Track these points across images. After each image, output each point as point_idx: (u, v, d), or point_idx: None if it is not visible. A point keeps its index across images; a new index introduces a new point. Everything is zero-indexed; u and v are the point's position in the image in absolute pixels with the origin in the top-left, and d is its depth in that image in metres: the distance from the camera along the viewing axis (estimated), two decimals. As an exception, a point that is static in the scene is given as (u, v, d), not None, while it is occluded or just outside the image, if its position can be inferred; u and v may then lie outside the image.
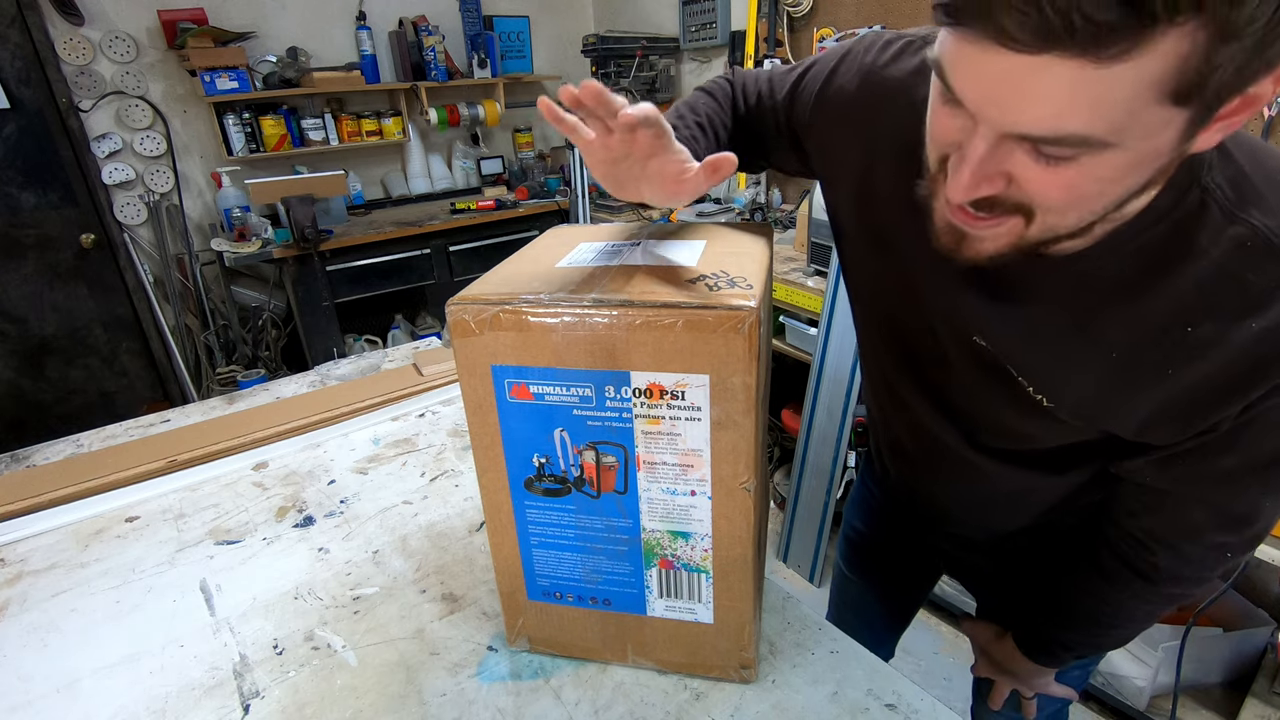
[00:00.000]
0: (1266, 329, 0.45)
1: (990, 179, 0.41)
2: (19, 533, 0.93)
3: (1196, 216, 0.46)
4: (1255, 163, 0.46)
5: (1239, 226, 0.45)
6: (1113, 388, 0.52)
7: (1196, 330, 0.47)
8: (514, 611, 0.69)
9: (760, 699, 0.64)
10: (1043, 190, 0.41)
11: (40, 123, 2.63)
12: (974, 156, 0.41)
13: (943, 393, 0.65)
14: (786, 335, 2.09)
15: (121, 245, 2.83)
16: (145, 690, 0.68)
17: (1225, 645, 1.54)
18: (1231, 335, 0.46)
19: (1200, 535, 0.59)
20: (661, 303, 0.51)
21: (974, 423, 0.64)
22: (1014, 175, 0.41)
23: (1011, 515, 0.73)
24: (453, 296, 0.55)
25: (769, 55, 2.71)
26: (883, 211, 0.62)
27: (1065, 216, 0.43)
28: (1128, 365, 0.50)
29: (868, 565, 1.04)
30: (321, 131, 3.07)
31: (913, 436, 0.74)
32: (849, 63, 0.65)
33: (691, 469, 0.56)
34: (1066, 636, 0.73)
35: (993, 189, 0.42)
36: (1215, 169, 0.46)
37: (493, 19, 3.40)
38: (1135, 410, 0.53)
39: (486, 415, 0.58)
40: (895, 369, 0.69)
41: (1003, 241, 0.45)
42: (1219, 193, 0.46)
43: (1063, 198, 0.41)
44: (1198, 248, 0.46)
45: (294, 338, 3.12)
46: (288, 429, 1.15)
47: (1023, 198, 0.42)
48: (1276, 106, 1.51)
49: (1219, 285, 0.46)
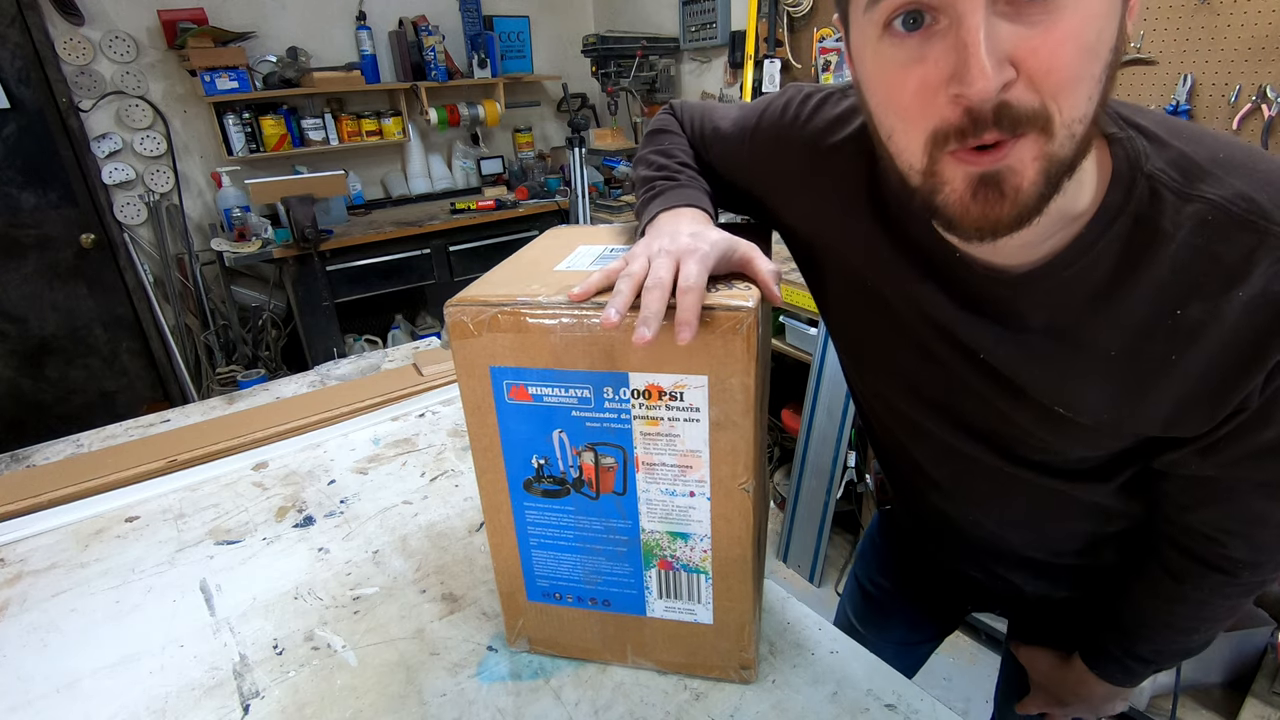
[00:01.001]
0: (1254, 296, 0.44)
1: (1002, 62, 0.39)
2: (19, 533, 0.93)
3: (1151, 204, 0.46)
4: (1193, 144, 0.47)
5: (1195, 204, 0.45)
6: (1123, 388, 0.51)
7: (1186, 312, 0.47)
8: (514, 612, 0.69)
9: (760, 699, 0.64)
10: (1053, 54, 0.39)
11: (40, 123, 2.63)
12: (977, 36, 0.38)
13: (961, 414, 0.62)
14: (786, 335, 2.09)
15: (121, 245, 2.83)
16: (145, 690, 0.68)
17: (1225, 645, 1.54)
18: (1221, 310, 0.46)
19: (1267, 519, 0.56)
20: None
21: (1001, 438, 0.61)
22: (1016, 57, 0.39)
23: (1062, 523, 0.68)
24: (451, 298, 0.55)
25: (769, 55, 2.71)
26: (858, 261, 0.61)
27: (1076, 92, 0.40)
28: (1129, 363, 0.50)
29: (883, 622, 0.99)
30: (321, 131, 3.07)
31: (942, 465, 0.69)
32: (770, 124, 0.65)
33: (690, 470, 0.56)
34: (1143, 649, 0.67)
35: (1009, 74, 0.40)
36: (1153, 157, 0.46)
37: (493, 19, 3.40)
38: (1154, 406, 0.51)
39: (485, 416, 0.58)
40: (907, 403, 0.66)
41: (1033, 167, 0.42)
42: (1164, 176, 0.46)
43: (1070, 51, 0.39)
44: (1163, 233, 0.46)
45: (294, 338, 3.12)
46: (288, 429, 1.15)
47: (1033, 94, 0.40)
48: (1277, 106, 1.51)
49: (1193, 264, 0.46)
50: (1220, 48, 1.58)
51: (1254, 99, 1.54)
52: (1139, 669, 0.69)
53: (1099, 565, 0.71)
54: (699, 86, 3.23)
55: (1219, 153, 0.46)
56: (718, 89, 3.14)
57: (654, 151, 0.72)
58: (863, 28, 0.44)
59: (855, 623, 1.03)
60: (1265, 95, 1.52)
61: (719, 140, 0.70)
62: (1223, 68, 1.58)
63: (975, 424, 0.61)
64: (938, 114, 0.42)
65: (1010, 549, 0.74)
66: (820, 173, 0.61)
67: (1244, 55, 1.55)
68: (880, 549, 1.00)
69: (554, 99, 3.83)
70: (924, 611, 0.96)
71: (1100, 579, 0.71)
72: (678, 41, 3.19)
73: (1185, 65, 1.64)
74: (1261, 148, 0.50)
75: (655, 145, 0.73)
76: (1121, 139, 0.47)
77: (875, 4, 0.42)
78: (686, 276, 0.49)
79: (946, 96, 0.41)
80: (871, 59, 0.44)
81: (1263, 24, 1.50)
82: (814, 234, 0.65)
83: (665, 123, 0.75)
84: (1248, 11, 1.52)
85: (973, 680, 1.70)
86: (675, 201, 0.62)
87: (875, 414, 0.75)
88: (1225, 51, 1.57)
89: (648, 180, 0.68)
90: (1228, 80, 1.58)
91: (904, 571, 0.96)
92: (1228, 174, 0.45)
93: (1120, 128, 0.48)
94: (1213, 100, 1.62)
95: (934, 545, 0.85)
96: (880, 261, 0.58)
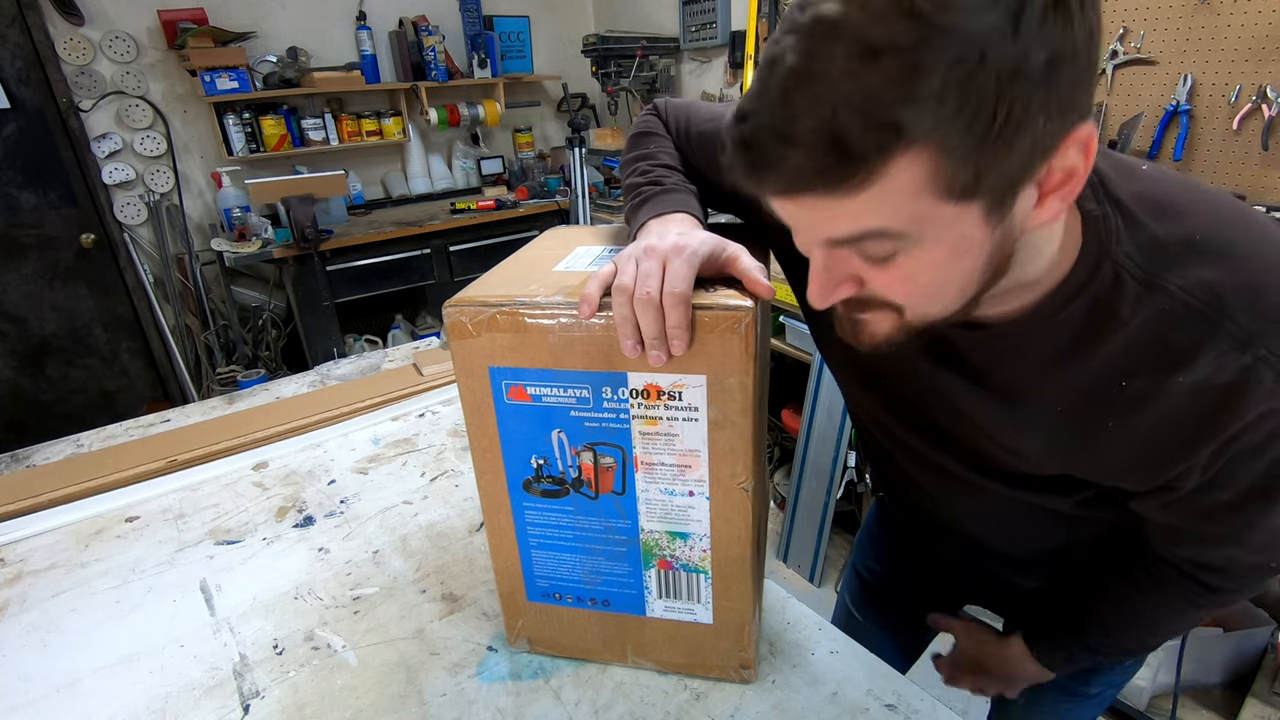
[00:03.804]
0: (1195, 383, 0.46)
1: (840, 284, 0.44)
2: (19, 533, 0.93)
3: (1113, 288, 0.47)
4: (1171, 224, 0.47)
5: (1155, 294, 0.46)
6: (1062, 441, 0.54)
7: (1130, 385, 0.48)
8: (514, 612, 0.69)
9: (760, 699, 0.64)
10: (886, 286, 0.44)
11: (40, 123, 2.63)
12: (815, 268, 0.44)
13: (934, 430, 0.65)
14: (786, 335, 2.09)
15: (121, 245, 2.83)
16: (145, 690, 0.68)
17: (1225, 645, 1.54)
18: (1164, 389, 0.47)
19: (1235, 560, 0.58)
20: None
21: (970, 453, 0.64)
22: (860, 277, 0.44)
23: (1036, 527, 0.71)
24: (450, 298, 0.55)
25: (769, 55, 2.70)
26: None
27: (928, 307, 0.44)
28: (1071, 421, 0.52)
29: (882, 607, 1.00)
30: (321, 131, 3.07)
31: (922, 471, 0.72)
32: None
33: (689, 469, 0.56)
34: (1095, 639, 0.69)
35: (848, 291, 0.45)
36: (1124, 239, 0.47)
37: (493, 19, 3.40)
38: (1093, 461, 0.55)
39: (484, 417, 0.58)
40: (885, 414, 0.69)
41: (887, 328, 0.46)
42: (1129, 263, 0.47)
43: (907, 291, 0.43)
44: (1120, 318, 0.47)
45: (294, 338, 3.12)
46: (288, 429, 1.15)
47: (879, 295, 0.44)
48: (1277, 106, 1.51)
49: (1144, 346, 0.47)
50: (1220, 48, 1.58)
51: (1254, 99, 1.54)
52: (1080, 658, 0.71)
53: (1076, 562, 0.73)
54: (699, 86, 3.23)
55: (1197, 234, 0.46)
56: (718, 89, 3.14)
57: (639, 156, 0.72)
58: None
59: (854, 610, 1.04)
60: (1265, 95, 1.52)
61: (703, 142, 0.70)
62: (1223, 68, 1.58)
63: (947, 439, 0.64)
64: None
65: (991, 545, 0.76)
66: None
67: (1244, 55, 1.55)
68: (877, 537, 1.01)
69: (554, 99, 3.83)
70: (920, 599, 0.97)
71: (1079, 573, 0.73)
72: (678, 41, 3.19)
73: (1185, 65, 1.63)
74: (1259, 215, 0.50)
75: (640, 149, 0.73)
76: (1096, 216, 0.48)
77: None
78: (674, 281, 0.50)
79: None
80: None
81: (1263, 24, 1.50)
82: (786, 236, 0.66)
83: (650, 125, 0.75)
84: (1248, 11, 1.52)
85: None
86: (664, 208, 0.62)
87: (861, 421, 0.77)
88: (1225, 51, 1.57)
89: (635, 188, 0.68)
90: (1228, 80, 1.58)
91: (899, 559, 0.97)
92: (1199, 261, 0.46)
93: (1098, 203, 0.48)
94: (1213, 100, 1.61)
95: (925, 536, 0.87)
96: None
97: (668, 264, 0.51)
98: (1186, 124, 1.64)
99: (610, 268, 0.53)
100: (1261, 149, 1.55)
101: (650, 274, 0.50)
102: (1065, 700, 0.83)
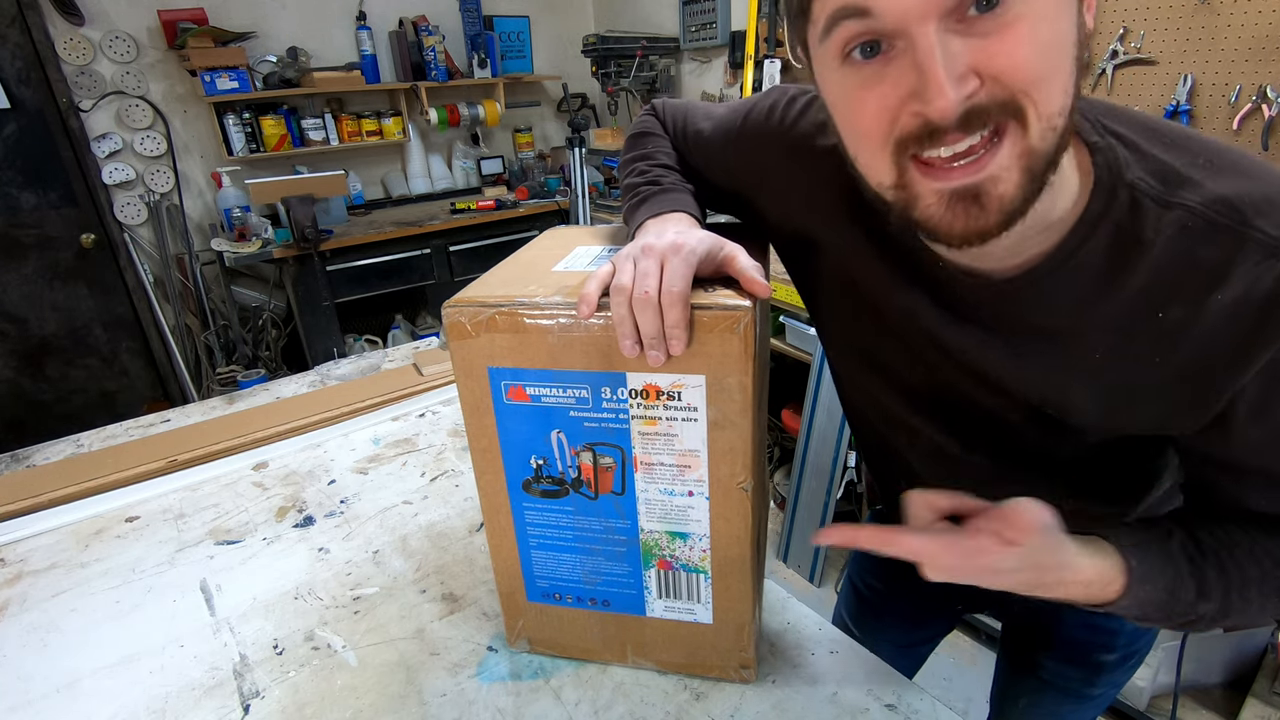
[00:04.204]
0: (1235, 299, 0.45)
1: (963, 75, 0.40)
2: (19, 533, 0.93)
3: (1132, 212, 0.47)
4: (1173, 150, 0.47)
5: (1175, 211, 0.46)
6: (1109, 389, 0.52)
7: (1168, 314, 0.47)
8: (514, 613, 0.69)
9: (760, 699, 0.64)
10: (1012, 55, 0.39)
11: (40, 123, 2.63)
12: (933, 55, 0.39)
13: (950, 415, 0.62)
14: (786, 335, 2.09)
15: (121, 245, 2.83)
16: (145, 690, 0.68)
17: (1225, 645, 1.54)
18: (1203, 312, 0.46)
19: None
20: None
21: (989, 439, 0.62)
22: (976, 65, 0.40)
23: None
24: (449, 299, 0.55)
25: (769, 55, 2.71)
26: (845, 264, 0.61)
27: (1048, 86, 0.41)
28: (1115, 364, 0.50)
29: (878, 622, 0.99)
30: (321, 131, 3.07)
31: (930, 465, 0.69)
32: (754, 127, 0.65)
33: (689, 469, 0.56)
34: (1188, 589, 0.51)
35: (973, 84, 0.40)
36: (1134, 166, 0.47)
37: (493, 19, 3.40)
38: (1141, 405, 0.52)
39: (484, 417, 0.58)
40: (896, 402, 0.66)
41: (1015, 169, 0.42)
42: (1144, 184, 0.46)
43: (1032, 54, 0.40)
44: (1144, 240, 0.46)
45: (294, 338, 3.13)
46: (288, 429, 1.15)
47: (1002, 88, 0.40)
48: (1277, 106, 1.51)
49: (1174, 268, 0.46)
50: (1220, 48, 1.58)
51: (1254, 99, 1.54)
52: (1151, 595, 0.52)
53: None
54: (699, 86, 3.23)
55: (1199, 157, 0.47)
56: (718, 89, 3.14)
57: (637, 156, 0.72)
58: (821, 57, 0.45)
59: (850, 624, 1.03)
60: (1265, 95, 1.52)
61: (701, 143, 0.70)
62: (1223, 68, 1.58)
63: (964, 424, 0.62)
64: (899, 128, 0.42)
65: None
66: (806, 176, 0.61)
67: (1244, 55, 1.55)
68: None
69: (554, 99, 3.83)
70: (917, 612, 0.96)
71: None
72: (678, 41, 3.19)
73: (1185, 65, 1.63)
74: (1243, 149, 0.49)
75: (639, 149, 0.72)
76: (1102, 147, 0.48)
77: (829, 35, 0.42)
78: (672, 280, 0.49)
79: (908, 113, 0.41)
80: (832, 86, 0.45)
81: (1263, 24, 1.50)
82: (800, 236, 0.65)
83: (647, 124, 0.75)
84: (1248, 11, 1.52)
85: (973, 680, 1.70)
86: (661, 208, 0.62)
87: (863, 414, 0.75)
88: (1225, 51, 1.57)
89: (633, 188, 0.67)
90: (1228, 80, 1.58)
91: (897, 572, 0.95)
92: (1207, 179, 0.46)
93: (1100, 135, 0.48)
94: (1213, 100, 1.61)
95: None
96: (866, 267, 0.59)
97: (665, 263, 0.51)
98: (1186, 124, 1.64)
99: (608, 267, 0.53)
100: (1261, 149, 1.55)
101: (648, 273, 0.50)
102: (1067, 702, 0.82)
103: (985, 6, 0.38)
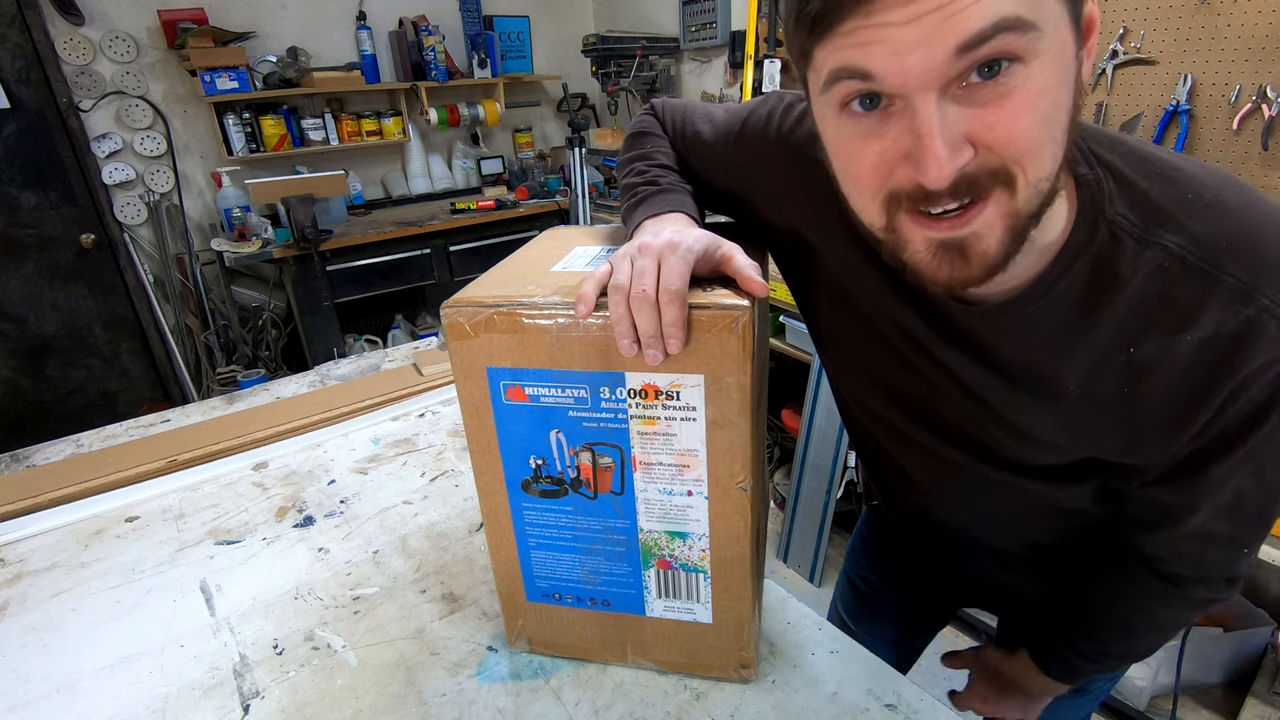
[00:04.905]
0: (1204, 339, 0.46)
1: (958, 145, 0.40)
2: (19, 533, 0.93)
3: (1111, 249, 0.47)
4: (1162, 183, 0.47)
5: (1152, 250, 0.46)
6: (1079, 418, 0.54)
7: (1139, 350, 0.48)
8: (513, 613, 0.69)
9: (760, 699, 0.64)
10: (1010, 127, 0.40)
11: (40, 123, 2.63)
12: (931, 125, 0.39)
13: (939, 421, 0.64)
14: (786, 335, 2.09)
15: (121, 245, 2.83)
16: (145, 690, 0.69)
17: (1225, 645, 1.54)
18: (1173, 350, 0.47)
19: (1213, 536, 0.58)
20: None
21: (977, 443, 0.63)
22: (972, 135, 0.40)
23: (1037, 522, 0.70)
24: (447, 299, 0.55)
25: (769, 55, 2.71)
26: (839, 274, 0.62)
27: (1039, 156, 0.41)
28: (1086, 396, 0.52)
29: (875, 616, 1.00)
30: (321, 131, 3.07)
31: (921, 467, 0.71)
32: (753, 133, 0.65)
33: (688, 469, 0.56)
34: (1086, 646, 0.69)
35: (967, 154, 0.41)
36: (1117, 200, 0.47)
37: (493, 19, 3.40)
38: (1108, 436, 0.54)
39: (483, 417, 0.58)
40: (886, 408, 0.68)
41: (999, 227, 0.43)
42: (1124, 222, 0.47)
43: (1028, 125, 0.40)
44: (1120, 278, 0.47)
45: (294, 338, 3.13)
46: (288, 429, 1.15)
47: (995, 157, 0.41)
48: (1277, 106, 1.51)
49: (1148, 306, 0.47)
50: (1220, 48, 1.57)
51: (1254, 99, 1.54)
52: (1080, 666, 0.71)
53: (1076, 561, 0.73)
54: (699, 86, 3.23)
55: (1187, 192, 0.47)
56: (718, 89, 3.14)
57: (636, 156, 0.72)
58: (820, 101, 0.45)
59: (846, 618, 1.04)
60: (1265, 95, 1.52)
61: (700, 145, 0.70)
62: (1223, 68, 1.58)
63: (952, 430, 0.63)
64: (893, 182, 0.43)
65: (990, 545, 0.76)
66: (802, 185, 0.61)
67: (1244, 55, 1.54)
68: (869, 544, 1.01)
69: (554, 99, 3.83)
70: (913, 607, 0.97)
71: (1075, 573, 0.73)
72: (678, 41, 3.19)
73: (1185, 65, 1.63)
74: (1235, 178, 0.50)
75: (638, 149, 0.72)
76: (1089, 180, 0.48)
77: (830, 89, 0.42)
78: (669, 278, 0.49)
79: (902, 173, 0.42)
80: (830, 130, 0.46)
81: (1263, 24, 1.50)
82: (796, 242, 0.65)
83: (647, 124, 0.75)
84: (1248, 11, 1.52)
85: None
86: (660, 207, 0.62)
87: (856, 417, 0.76)
88: (1225, 51, 1.57)
89: (631, 188, 0.68)
90: (1228, 80, 1.58)
91: (892, 567, 0.96)
92: (1191, 218, 0.46)
93: (1090, 166, 0.48)
94: (1213, 100, 1.61)
95: (919, 541, 0.86)
96: (860, 279, 0.60)
97: (662, 261, 0.51)
98: (1186, 124, 1.64)
99: (606, 267, 0.53)
100: (1261, 149, 1.55)
101: (645, 272, 0.50)
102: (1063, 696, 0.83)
103: (987, 74, 0.39)
